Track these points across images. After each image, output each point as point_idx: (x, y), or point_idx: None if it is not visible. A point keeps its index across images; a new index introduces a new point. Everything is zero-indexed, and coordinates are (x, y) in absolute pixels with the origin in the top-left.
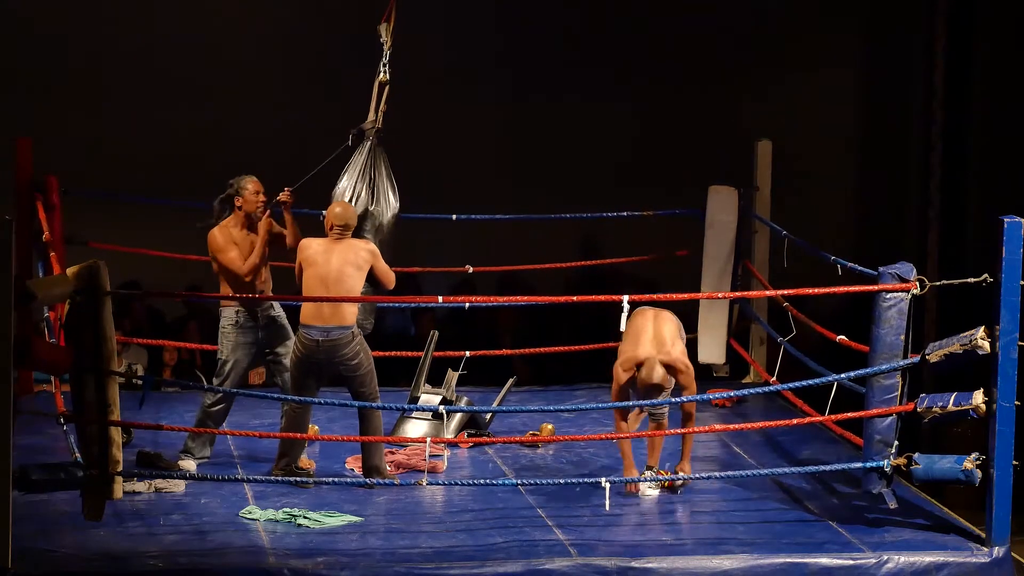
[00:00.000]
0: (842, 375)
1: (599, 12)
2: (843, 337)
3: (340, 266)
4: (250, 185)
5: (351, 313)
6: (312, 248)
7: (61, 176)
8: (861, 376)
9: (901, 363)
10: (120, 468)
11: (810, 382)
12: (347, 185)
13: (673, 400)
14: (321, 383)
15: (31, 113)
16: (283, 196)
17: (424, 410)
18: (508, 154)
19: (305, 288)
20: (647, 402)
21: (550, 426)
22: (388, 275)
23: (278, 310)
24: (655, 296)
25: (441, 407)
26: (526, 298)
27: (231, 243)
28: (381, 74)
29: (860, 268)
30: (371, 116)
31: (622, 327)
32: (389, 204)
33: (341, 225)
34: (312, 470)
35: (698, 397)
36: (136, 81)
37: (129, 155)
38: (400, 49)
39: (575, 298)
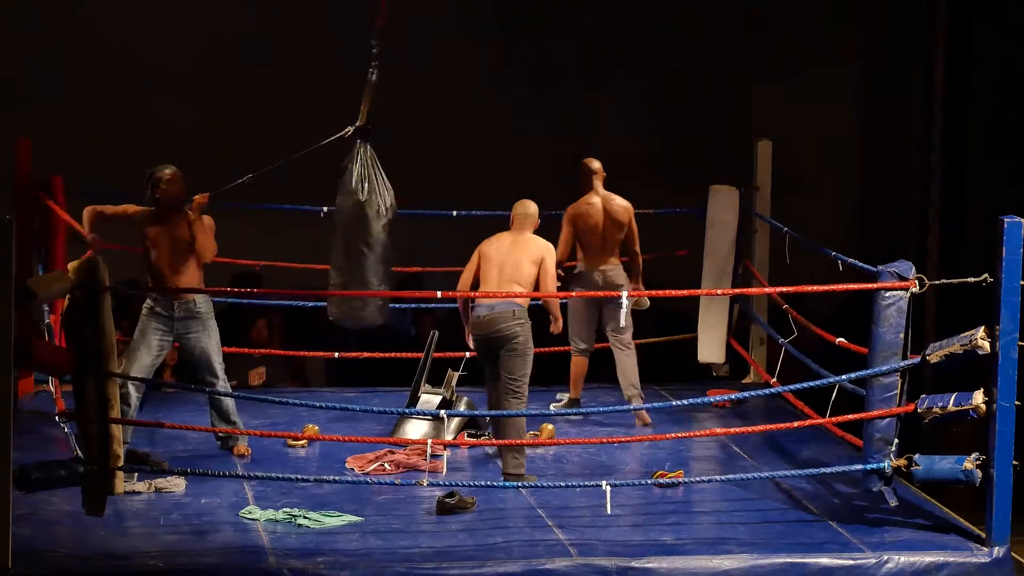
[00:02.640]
0: (843, 376)
1: (600, 11)
2: (843, 340)
3: (517, 258)
4: (166, 173)
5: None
6: (491, 243)
7: (61, 176)
8: (861, 377)
9: (902, 364)
10: (121, 463)
11: (810, 384)
12: (351, 184)
13: (675, 403)
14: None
15: (31, 113)
16: (198, 198)
17: (424, 414)
18: (508, 153)
19: (481, 279)
20: (642, 406)
21: (550, 427)
22: (550, 277)
23: (201, 306)
24: (655, 292)
25: (442, 411)
26: (525, 293)
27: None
28: (370, 75)
29: (860, 264)
30: (362, 117)
31: (622, 322)
32: (384, 201)
33: (521, 214)
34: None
35: (698, 400)
36: (136, 81)
37: (129, 155)
38: (402, 48)
39: (574, 293)
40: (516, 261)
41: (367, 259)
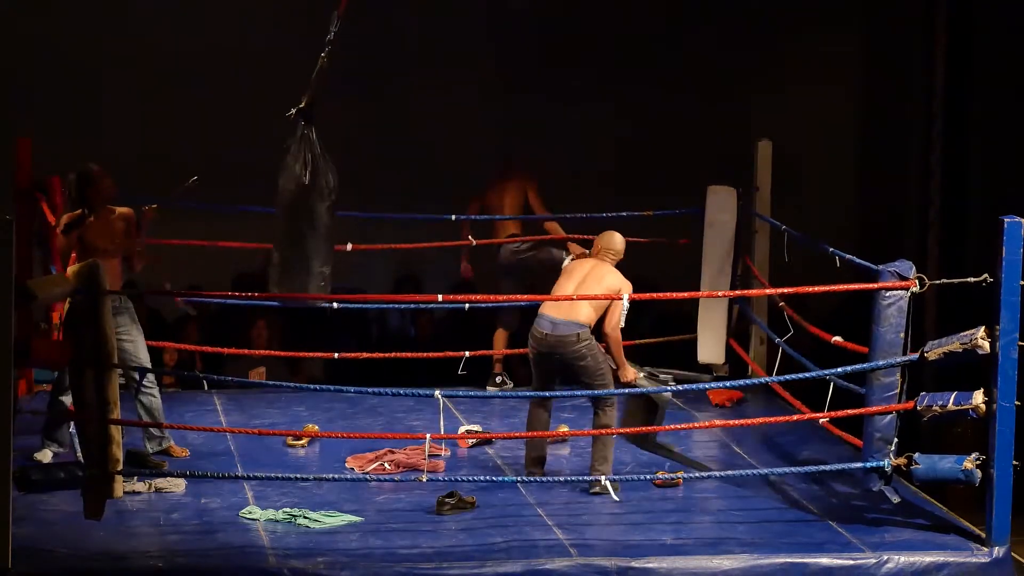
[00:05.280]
0: (838, 369)
1: (601, 13)
2: (838, 339)
3: (585, 288)
4: (96, 169)
5: (586, 313)
6: (575, 264)
7: (61, 176)
8: (859, 371)
9: (900, 359)
10: (120, 467)
11: (805, 375)
12: (294, 166)
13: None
14: (555, 378)
15: (31, 113)
16: (148, 211)
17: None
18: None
19: (554, 291)
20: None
21: (564, 427)
22: (613, 321)
23: (127, 301)
24: (654, 296)
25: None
26: (527, 296)
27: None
28: (322, 57)
29: (859, 260)
30: (306, 98)
31: (621, 323)
32: (327, 183)
33: (610, 251)
34: (186, 457)
35: (697, 390)
36: (135, 81)
37: (127, 156)
38: (402, 51)
39: (575, 296)
40: (588, 287)
41: (309, 241)
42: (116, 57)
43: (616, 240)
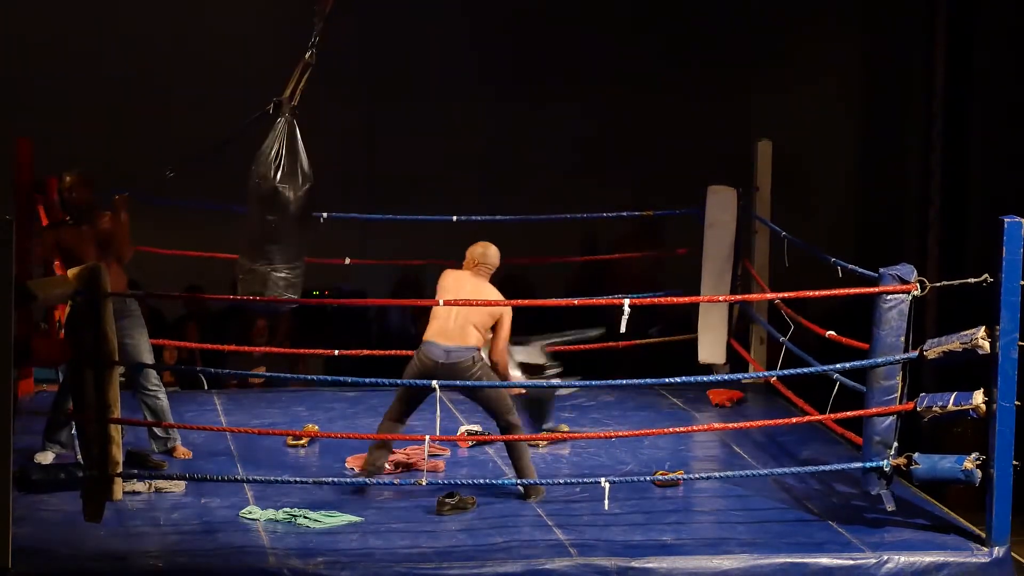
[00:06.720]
0: (838, 365)
1: (601, 12)
2: (832, 332)
3: (466, 310)
4: (71, 179)
5: (475, 336)
6: (448, 278)
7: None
8: (858, 368)
9: (900, 356)
10: (120, 469)
11: (803, 370)
12: (263, 161)
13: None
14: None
15: (31, 114)
16: (119, 199)
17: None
18: (508, 156)
19: (432, 314)
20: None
21: (565, 427)
22: (501, 345)
23: (132, 305)
24: (656, 300)
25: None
26: (527, 301)
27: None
28: (308, 55)
29: (860, 270)
30: (288, 92)
31: (622, 328)
32: (300, 178)
33: (486, 264)
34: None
35: (695, 381)
36: (134, 81)
37: (127, 155)
38: (399, 53)
39: (576, 301)
40: (464, 313)
41: (275, 239)
42: (116, 57)
43: (492, 253)
